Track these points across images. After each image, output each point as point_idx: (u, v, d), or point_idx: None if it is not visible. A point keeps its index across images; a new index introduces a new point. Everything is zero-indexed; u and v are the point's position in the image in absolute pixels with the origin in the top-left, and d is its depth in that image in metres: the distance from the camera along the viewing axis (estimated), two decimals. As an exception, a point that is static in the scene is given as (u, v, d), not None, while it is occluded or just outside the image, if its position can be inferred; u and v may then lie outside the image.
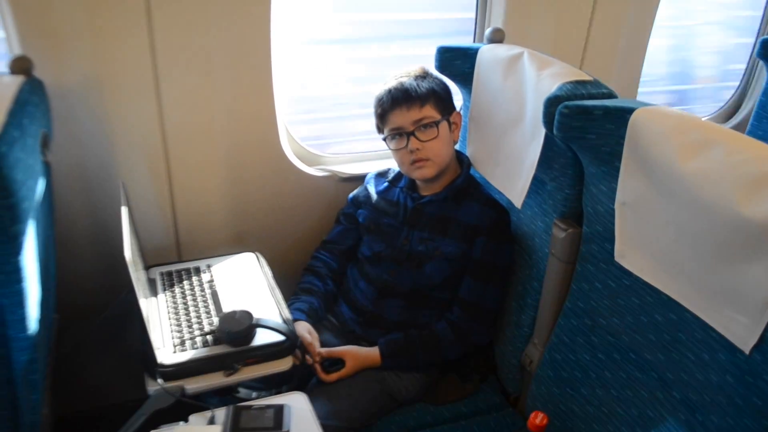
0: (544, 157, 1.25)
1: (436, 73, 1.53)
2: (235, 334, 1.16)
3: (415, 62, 1.53)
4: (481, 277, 1.45)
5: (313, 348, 1.40)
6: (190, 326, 1.24)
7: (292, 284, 1.58)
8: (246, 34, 1.46)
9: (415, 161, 1.44)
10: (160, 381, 1.10)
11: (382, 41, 1.87)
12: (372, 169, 1.68)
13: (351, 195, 1.66)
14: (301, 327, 1.43)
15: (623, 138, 1.04)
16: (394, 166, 1.58)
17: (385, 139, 1.49)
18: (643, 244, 1.04)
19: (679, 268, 0.97)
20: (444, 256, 1.45)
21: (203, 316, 1.27)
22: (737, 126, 2.35)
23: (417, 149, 1.42)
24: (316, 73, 1.83)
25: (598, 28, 1.80)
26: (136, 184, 1.50)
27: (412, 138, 1.42)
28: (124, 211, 1.16)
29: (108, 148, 1.46)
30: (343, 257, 1.64)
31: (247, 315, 1.19)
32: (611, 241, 1.11)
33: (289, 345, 1.20)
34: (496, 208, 1.47)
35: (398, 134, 1.44)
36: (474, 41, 1.82)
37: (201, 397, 1.17)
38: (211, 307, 1.31)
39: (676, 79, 2.44)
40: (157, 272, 1.44)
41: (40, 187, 1.09)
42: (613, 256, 1.11)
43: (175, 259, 1.63)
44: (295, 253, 1.71)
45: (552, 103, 1.14)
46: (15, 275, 0.96)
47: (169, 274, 1.43)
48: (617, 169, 1.06)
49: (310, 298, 1.53)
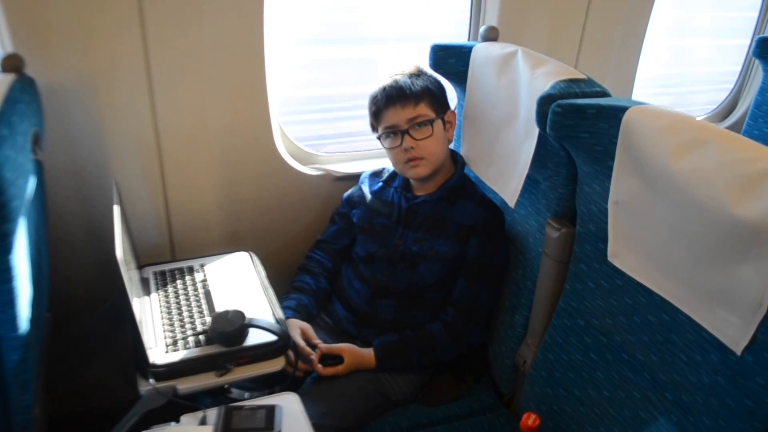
0: (538, 156, 1.25)
1: (430, 72, 1.52)
2: (227, 334, 1.16)
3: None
4: (475, 278, 1.44)
5: (306, 350, 1.39)
6: (182, 326, 1.23)
7: (286, 284, 1.58)
8: (240, 33, 1.45)
9: (410, 160, 1.44)
10: (152, 381, 1.09)
11: (375, 42, 1.87)
12: (366, 168, 1.67)
13: (345, 195, 1.65)
14: (292, 324, 1.42)
15: (616, 137, 1.03)
16: (389, 166, 1.58)
17: (379, 138, 1.49)
18: (636, 244, 1.04)
19: (671, 269, 0.96)
20: (438, 256, 1.45)
21: (196, 315, 1.26)
22: (733, 125, 2.35)
23: (411, 148, 1.42)
24: (307, 73, 1.83)
25: (592, 26, 1.79)
26: (130, 183, 1.49)
27: (406, 136, 1.42)
28: (117, 210, 1.16)
29: (101, 146, 1.45)
30: (337, 257, 1.63)
31: (240, 315, 1.19)
32: (604, 240, 1.10)
33: (282, 345, 1.19)
34: (491, 208, 1.46)
35: (393, 132, 1.44)
36: (468, 39, 1.82)
37: (193, 397, 1.17)
38: (204, 306, 1.30)
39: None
40: (150, 271, 1.43)
41: (31, 186, 1.08)
42: (606, 256, 1.10)
43: (169, 258, 1.62)
44: (289, 252, 1.70)
45: (545, 102, 1.13)
46: (5, 275, 0.95)
47: (163, 273, 1.42)
48: (610, 169, 1.06)
49: (300, 295, 1.53)
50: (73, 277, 1.54)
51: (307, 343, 1.40)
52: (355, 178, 1.67)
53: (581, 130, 1.08)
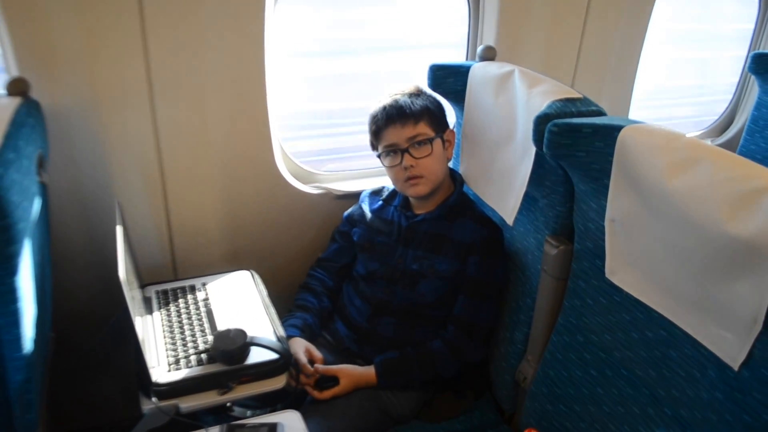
0: (536, 175, 1.27)
1: (430, 92, 1.54)
2: (229, 352, 1.17)
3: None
4: (475, 295, 1.45)
5: (308, 368, 1.40)
6: (184, 345, 1.24)
7: (287, 302, 1.58)
8: (240, 54, 1.47)
9: (410, 178, 1.45)
10: (154, 399, 1.10)
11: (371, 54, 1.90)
12: (367, 186, 1.69)
13: (346, 213, 1.66)
14: (297, 343, 1.43)
15: (612, 155, 1.05)
16: (389, 184, 1.59)
17: (379, 156, 1.51)
18: (633, 261, 1.05)
19: (668, 285, 0.98)
20: (438, 275, 1.46)
21: (198, 334, 1.27)
22: (729, 140, 2.37)
23: (411, 166, 1.43)
24: (306, 88, 1.85)
25: (589, 45, 1.82)
26: (132, 204, 1.51)
27: (406, 155, 1.43)
28: (119, 231, 1.17)
29: (104, 168, 1.47)
30: (338, 275, 1.64)
31: (242, 333, 1.20)
32: (602, 257, 1.12)
33: (283, 363, 1.20)
34: (489, 226, 1.48)
35: (392, 151, 1.46)
36: (466, 59, 1.84)
37: (195, 416, 1.17)
38: (206, 325, 1.31)
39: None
40: (152, 290, 1.44)
41: (36, 208, 1.10)
42: (603, 273, 1.11)
43: (171, 277, 1.64)
44: (290, 270, 1.71)
45: (542, 121, 1.15)
46: (10, 296, 0.96)
47: (165, 292, 1.43)
48: (607, 186, 1.07)
49: (305, 315, 1.54)
50: (77, 296, 1.55)
51: (309, 362, 1.41)
52: (356, 197, 1.68)
53: (577, 149, 1.10)
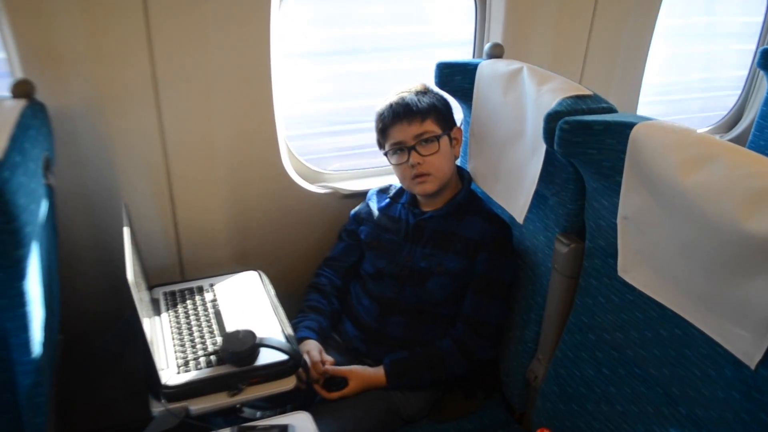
0: (546, 172, 1.25)
1: (437, 90, 1.53)
2: (238, 354, 1.16)
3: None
4: (484, 293, 1.44)
5: (319, 366, 1.39)
6: (193, 346, 1.23)
7: (296, 302, 1.58)
8: (246, 54, 1.47)
9: (417, 176, 1.44)
10: (164, 402, 1.09)
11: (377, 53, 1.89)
12: (373, 185, 1.68)
13: (353, 211, 1.66)
14: (312, 345, 1.43)
15: (624, 153, 1.04)
16: (396, 182, 1.59)
17: (386, 154, 1.50)
18: (646, 259, 1.04)
19: (682, 283, 0.96)
20: (446, 272, 1.45)
21: (207, 335, 1.27)
22: (739, 135, 2.35)
23: (418, 164, 1.43)
24: (313, 87, 1.85)
25: (596, 42, 1.81)
26: (139, 205, 1.50)
27: (413, 152, 1.43)
28: (127, 232, 1.17)
29: (110, 169, 1.47)
30: (346, 274, 1.64)
31: (251, 334, 1.19)
32: (614, 255, 1.11)
33: (293, 364, 1.20)
34: (498, 223, 1.47)
35: (399, 149, 1.45)
36: (473, 56, 1.83)
37: (205, 418, 1.17)
38: (215, 326, 1.30)
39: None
40: (160, 292, 1.44)
41: (43, 211, 1.09)
42: (616, 271, 1.10)
43: (179, 279, 1.63)
44: (297, 270, 1.71)
45: (552, 119, 1.14)
46: (18, 299, 0.96)
47: (173, 293, 1.43)
48: (619, 184, 1.06)
49: (319, 317, 1.53)
50: (84, 298, 1.55)
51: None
52: (363, 196, 1.68)
53: (589, 146, 1.09)
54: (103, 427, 1.66)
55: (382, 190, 1.64)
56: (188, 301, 1.40)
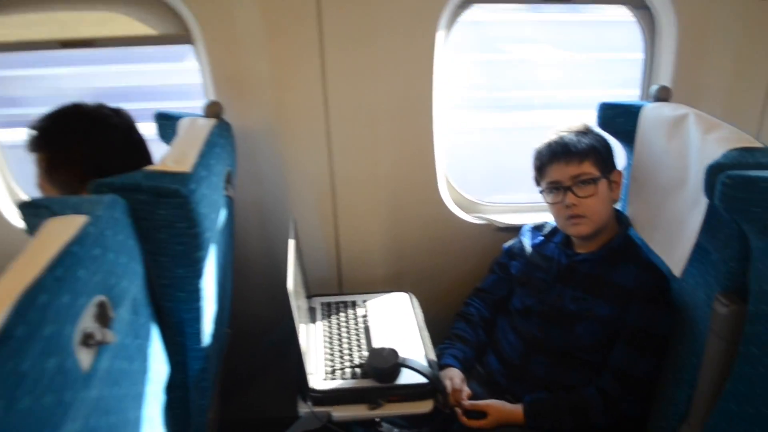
0: (708, 225, 1.17)
1: (598, 130, 1.51)
2: (381, 370, 1.24)
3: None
4: (635, 345, 1.38)
5: (459, 394, 1.43)
6: (341, 356, 1.35)
7: (442, 327, 1.63)
8: (411, 88, 1.58)
9: (571, 217, 1.43)
10: (309, 404, 1.21)
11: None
12: (529, 220, 1.69)
13: (506, 245, 1.68)
14: (455, 373, 1.48)
15: (795, 214, 0.95)
16: (551, 220, 1.58)
17: (542, 192, 1.51)
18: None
19: None
20: (596, 318, 1.41)
21: (354, 348, 1.38)
22: None
23: (573, 205, 1.41)
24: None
25: None
26: (306, 221, 1.67)
27: (569, 193, 1.42)
28: (291, 244, 1.31)
29: (283, 186, 1.65)
30: (494, 307, 1.66)
31: (394, 353, 1.26)
32: (780, 324, 1.01)
33: (431, 388, 1.25)
34: (655, 273, 1.39)
35: (555, 188, 1.45)
36: (640, 98, 1.76)
37: (346, 426, 1.26)
38: (363, 340, 1.41)
39: None
40: (318, 302, 1.58)
41: (222, 219, 1.25)
42: (780, 341, 1.00)
43: (336, 291, 1.78)
44: (447, 296, 1.76)
45: (714, 171, 1.07)
46: (195, 294, 1.10)
47: (329, 305, 1.57)
48: (788, 247, 0.97)
49: (465, 347, 1.57)
50: (252, 298, 1.73)
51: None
52: (517, 230, 1.69)
53: (753, 204, 1.00)
54: (252, 418, 1.82)
55: (537, 227, 1.64)
56: (341, 314, 1.53)
